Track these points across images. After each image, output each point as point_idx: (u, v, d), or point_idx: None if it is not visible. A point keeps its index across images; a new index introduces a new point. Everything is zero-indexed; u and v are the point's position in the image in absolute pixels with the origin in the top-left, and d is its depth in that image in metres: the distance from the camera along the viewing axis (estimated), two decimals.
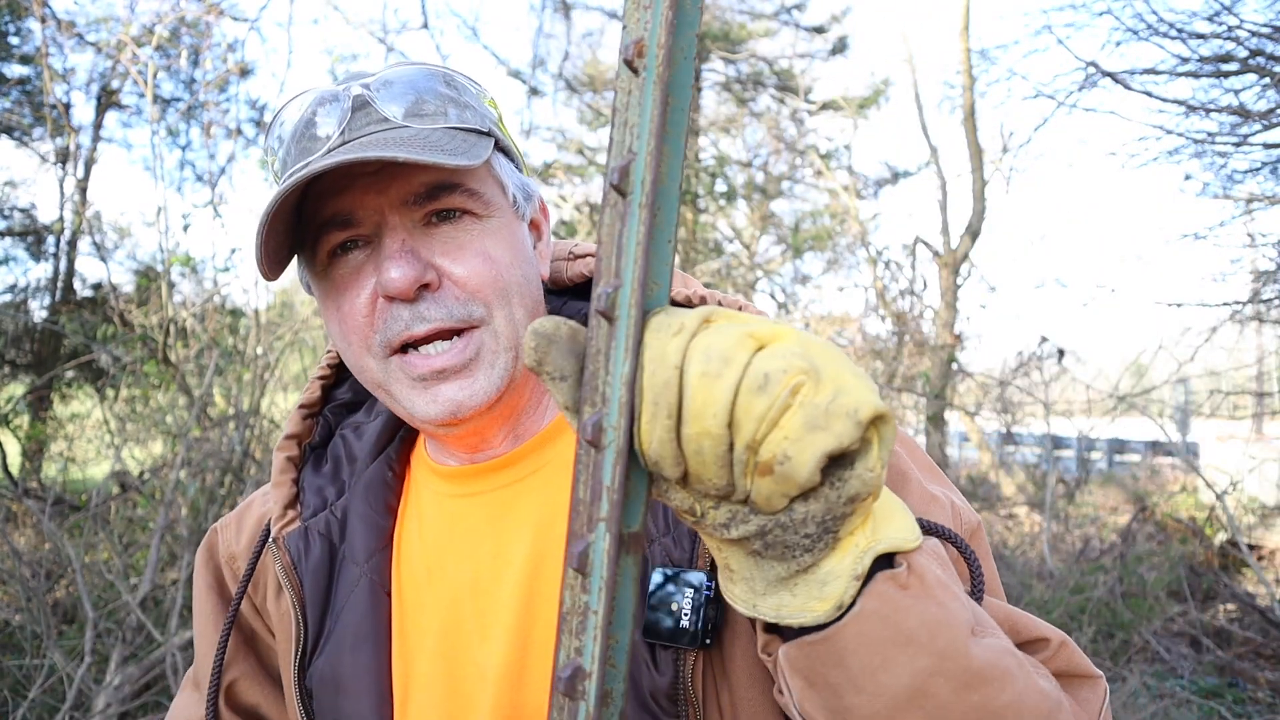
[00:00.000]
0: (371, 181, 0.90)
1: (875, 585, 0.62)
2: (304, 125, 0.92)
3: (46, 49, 5.96)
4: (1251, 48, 4.68)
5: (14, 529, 5.69)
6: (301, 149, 0.91)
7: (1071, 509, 7.81)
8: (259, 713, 1.10)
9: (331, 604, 1.01)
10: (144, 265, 10.12)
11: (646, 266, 0.56)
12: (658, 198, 0.56)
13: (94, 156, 9.62)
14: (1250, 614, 6.12)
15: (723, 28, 12.56)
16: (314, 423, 1.13)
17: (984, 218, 10.08)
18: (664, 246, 0.57)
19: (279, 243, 0.92)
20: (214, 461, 4.91)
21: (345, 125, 0.90)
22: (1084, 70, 5.64)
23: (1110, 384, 8.44)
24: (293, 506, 1.05)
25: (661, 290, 0.58)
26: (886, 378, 7.91)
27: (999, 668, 0.64)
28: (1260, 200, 5.58)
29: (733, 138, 13.80)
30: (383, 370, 0.93)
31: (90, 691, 3.75)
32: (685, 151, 0.57)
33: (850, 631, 0.62)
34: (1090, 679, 0.79)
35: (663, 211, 0.56)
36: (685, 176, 11.49)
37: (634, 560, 0.58)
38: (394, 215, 0.90)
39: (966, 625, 0.65)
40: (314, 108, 0.92)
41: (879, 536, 0.62)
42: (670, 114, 0.56)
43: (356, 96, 0.91)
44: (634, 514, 0.58)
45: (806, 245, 12.68)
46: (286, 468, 1.08)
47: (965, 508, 0.93)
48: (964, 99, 10.19)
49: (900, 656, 0.62)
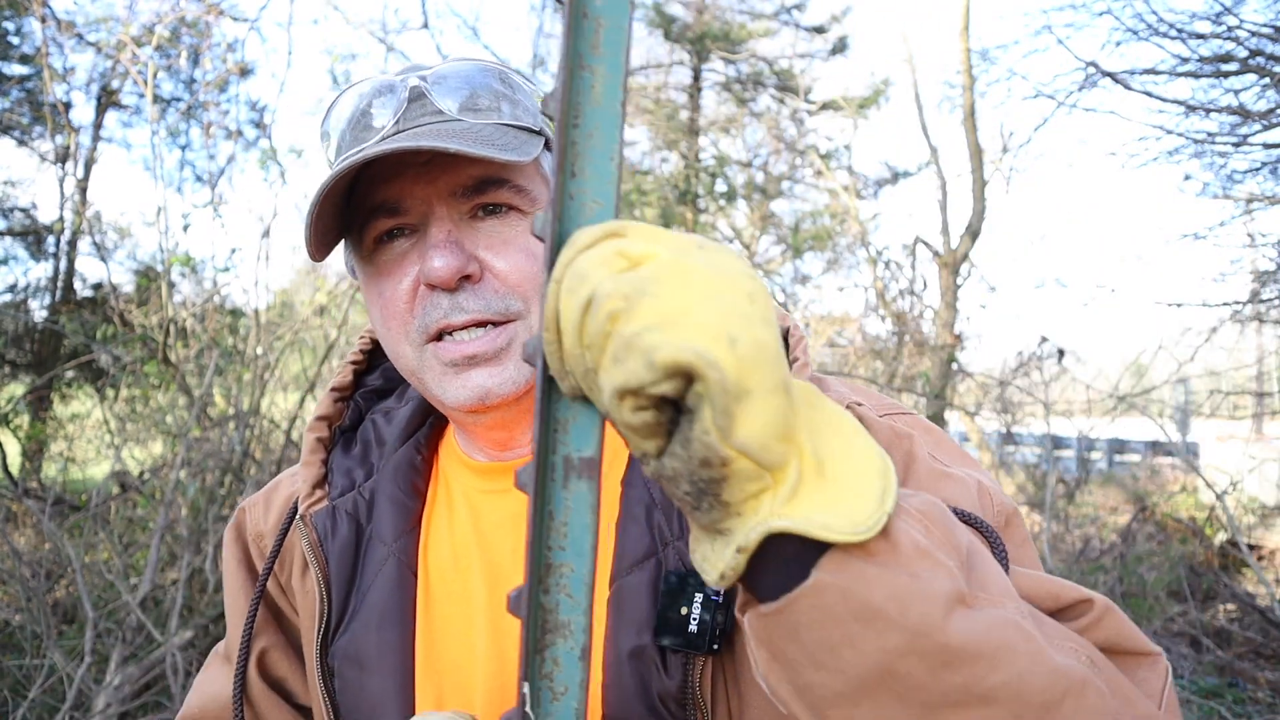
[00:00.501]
0: (421, 171, 0.91)
1: (834, 554, 0.56)
2: (360, 114, 0.94)
3: (46, 49, 5.95)
4: (1251, 48, 4.68)
5: (14, 529, 5.69)
6: (356, 136, 0.93)
7: (1071, 509, 7.81)
8: (286, 686, 1.11)
9: (357, 582, 1.01)
10: (144, 265, 10.13)
11: (561, 187, 0.57)
12: (579, 118, 0.56)
13: (94, 156, 9.62)
14: (1250, 614, 6.12)
15: (723, 28, 12.56)
16: (345, 406, 1.14)
17: (984, 218, 10.08)
18: (605, 164, 0.57)
19: (327, 225, 0.94)
20: (214, 461, 4.91)
21: (401, 115, 0.92)
22: (1084, 70, 5.64)
23: (1110, 384, 8.44)
24: (321, 486, 1.06)
25: (604, 208, 0.57)
26: (887, 378, 7.91)
27: (991, 643, 0.56)
28: (1260, 200, 5.58)
29: (733, 138, 13.82)
30: (418, 357, 0.94)
31: (90, 691, 3.75)
32: (626, 68, 0.57)
33: (805, 604, 0.56)
34: (1147, 655, 0.71)
35: (600, 132, 0.56)
36: (685, 176, 11.40)
37: (587, 486, 0.57)
38: (441, 206, 0.92)
39: (947, 597, 0.56)
40: (370, 97, 0.94)
41: (786, 513, 0.54)
42: (604, 35, 0.56)
43: (413, 88, 0.93)
44: (583, 439, 0.58)
45: (806, 245, 12.68)
46: (316, 448, 1.09)
47: (997, 490, 0.87)
48: (964, 99, 10.19)
49: (865, 633, 0.55)
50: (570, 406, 0.58)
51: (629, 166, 12.77)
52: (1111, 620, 0.71)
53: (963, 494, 0.84)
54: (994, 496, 0.86)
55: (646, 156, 13.45)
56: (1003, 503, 0.86)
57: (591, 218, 0.57)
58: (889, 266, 9.42)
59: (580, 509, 0.58)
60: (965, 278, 9.97)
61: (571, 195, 0.57)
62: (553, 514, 0.58)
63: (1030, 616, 0.62)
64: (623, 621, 0.87)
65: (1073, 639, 0.65)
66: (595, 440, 0.58)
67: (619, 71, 0.57)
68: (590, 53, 0.56)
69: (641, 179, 12.57)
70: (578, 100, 0.56)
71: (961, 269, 9.91)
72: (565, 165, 0.57)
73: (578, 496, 0.58)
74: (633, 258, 0.54)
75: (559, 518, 0.58)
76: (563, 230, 0.58)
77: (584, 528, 0.57)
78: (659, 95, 12.97)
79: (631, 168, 12.78)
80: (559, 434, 0.58)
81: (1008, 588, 0.62)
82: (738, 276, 0.54)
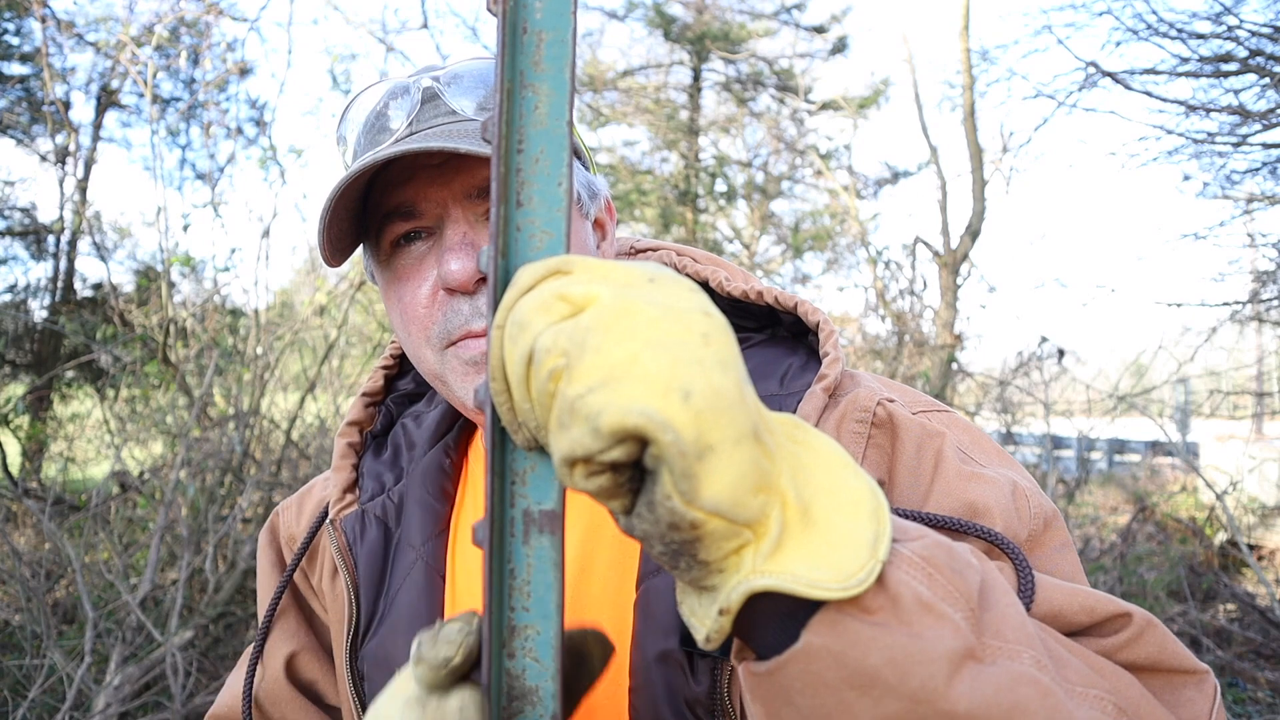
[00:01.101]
0: (436, 174, 0.90)
1: (826, 612, 0.51)
2: (375, 116, 0.93)
3: (46, 49, 5.96)
4: (1251, 48, 4.68)
5: (14, 529, 5.69)
6: (371, 139, 0.92)
7: (1071, 509, 7.80)
8: (317, 689, 1.11)
9: (386, 586, 1.01)
10: (144, 265, 10.13)
11: (505, 219, 0.52)
12: (523, 142, 0.52)
13: (94, 156, 9.62)
14: (1250, 614, 6.12)
15: (723, 28, 12.55)
16: (376, 411, 1.14)
17: (984, 218, 10.08)
18: (553, 191, 0.53)
19: (342, 230, 0.93)
20: (214, 461, 4.91)
21: (414, 116, 0.91)
22: (1084, 70, 5.64)
23: (1110, 384, 8.44)
24: (351, 490, 1.06)
25: (554, 239, 0.53)
26: (886, 378, 7.91)
27: (1002, 706, 0.50)
28: (1260, 200, 5.58)
29: (733, 138, 13.81)
30: (439, 361, 0.93)
31: (90, 691, 3.75)
32: (572, 85, 0.53)
33: (795, 669, 0.52)
34: (1193, 674, 0.65)
35: (546, 157, 0.53)
36: (685, 176, 11.37)
37: (550, 542, 0.54)
38: (456, 208, 0.90)
39: (952, 656, 0.51)
40: (386, 100, 0.93)
41: (769, 570, 0.50)
42: (546, 50, 0.53)
43: (426, 89, 0.92)
44: (543, 490, 0.54)
45: (806, 245, 12.68)
46: (347, 453, 1.09)
47: (1035, 491, 0.83)
48: (964, 99, 10.19)
49: (861, 701, 0.50)
50: (527, 457, 0.54)
51: (629, 166, 12.76)
52: (1152, 636, 0.66)
53: (994, 496, 0.80)
54: (1030, 498, 0.82)
55: (646, 156, 13.46)
56: (1040, 504, 0.82)
57: (541, 250, 0.53)
58: (889, 266, 9.41)
59: (543, 566, 0.54)
60: (965, 278, 9.97)
61: (519, 227, 0.53)
62: (514, 572, 0.54)
63: (1051, 660, 0.56)
64: (650, 625, 0.84)
65: (1098, 684, 0.59)
66: (555, 492, 0.54)
67: (564, 89, 0.53)
68: (532, 70, 0.53)
69: (642, 179, 12.56)
70: (521, 123, 0.52)
71: (961, 269, 9.91)
72: (509, 195, 0.53)
73: (540, 553, 0.54)
74: (574, 301, 0.49)
75: (520, 576, 0.54)
76: (509, 266, 0.53)
77: (548, 586, 0.54)
78: (659, 95, 12.97)
79: (631, 167, 12.78)
80: (516, 486, 0.54)
81: (1025, 630, 0.56)
82: (689, 314, 0.49)
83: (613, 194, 13.67)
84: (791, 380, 0.93)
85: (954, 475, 0.82)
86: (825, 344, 0.93)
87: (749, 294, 0.97)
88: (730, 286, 0.99)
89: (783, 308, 0.97)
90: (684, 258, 1.04)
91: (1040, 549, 0.80)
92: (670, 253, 1.06)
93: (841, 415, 0.88)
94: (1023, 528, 0.80)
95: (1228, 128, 5.13)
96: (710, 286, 1.01)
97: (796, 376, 0.93)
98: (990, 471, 0.84)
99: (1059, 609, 0.67)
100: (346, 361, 6.64)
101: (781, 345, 0.99)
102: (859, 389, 0.91)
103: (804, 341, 0.99)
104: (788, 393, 0.91)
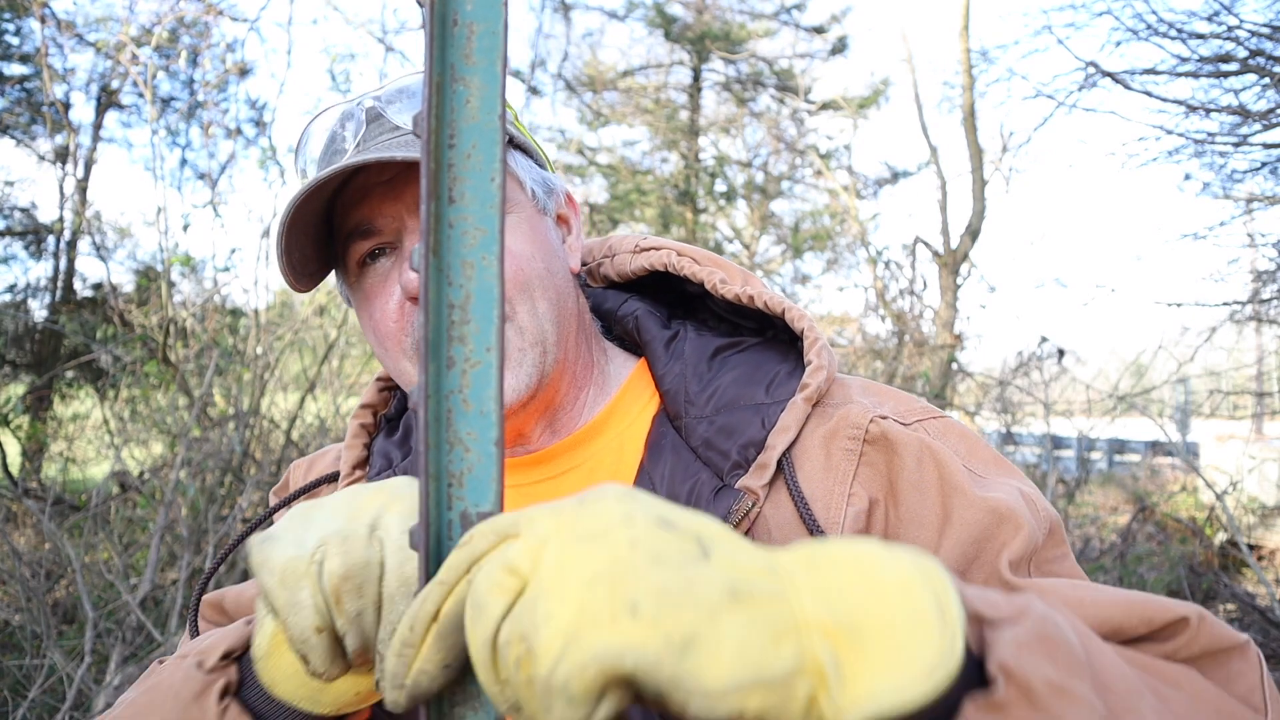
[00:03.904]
0: (388, 189, 0.92)
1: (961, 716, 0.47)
2: (330, 141, 0.96)
3: (46, 49, 5.95)
4: (1251, 48, 4.68)
5: (14, 529, 5.69)
6: (327, 163, 0.95)
7: (1071, 509, 7.80)
8: None
9: None
10: (144, 265, 10.13)
11: (437, 215, 0.51)
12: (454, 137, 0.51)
13: (94, 156, 9.62)
14: (1250, 614, 6.12)
15: (723, 28, 12.55)
16: (389, 395, 1.17)
17: (984, 218, 10.08)
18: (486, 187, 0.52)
19: (305, 255, 0.95)
20: (214, 462, 4.91)
21: (360, 137, 0.93)
22: (1084, 70, 5.64)
23: (1110, 384, 8.44)
24: (361, 467, 1.09)
25: (488, 236, 0.52)
26: (886, 378, 7.90)
27: None
28: (1260, 200, 5.58)
29: (733, 138, 13.81)
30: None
31: (90, 691, 3.75)
32: (504, 78, 0.52)
33: None
34: (1238, 648, 0.68)
35: (478, 151, 0.52)
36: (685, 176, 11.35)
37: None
38: (411, 219, 0.92)
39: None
40: (339, 124, 0.96)
41: (850, 706, 0.45)
42: (477, 42, 0.51)
43: (369, 109, 0.94)
44: (481, 492, 0.54)
45: (806, 245, 12.68)
46: (359, 433, 1.12)
47: (1040, 498, 0.85)
48: (964, 99, 10.19)
49: None
50: (464, 458, 0.54)
51: (630, 166, 12.76)
52: (1205, 629, 0.67)
53: (1014, 500, 0.83)
54: (1038, 505, 0.84)
55: (646, 156, 13.46)
56: (1047, 511, 0.84)
57: (475, 247, 0.52)
58: (889, 266, 9.41)
59: None
60: (965, 278, 9.97)
61: (450, 223, 0.52)
62: None
63: (1153, 694, 0.56)
64: None
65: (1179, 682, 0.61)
66: (495, 494, 0.54)
67: (495, 82, 0.52)
68: (463, 63, 0.51)
69: (641, 179, 12.57)
70: (451, 117, 0.52)
71: (961, 269, 9.91)
72: (440, 191, 0.52)
73: None
74: (521, 573, 0.49)
75: None
76: (440, 264, 0.52)
77: None
78: (659, 95, 12.97)
79: (631, 167, 12.78)
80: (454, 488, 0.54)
81: (1126, 674, 0.55)
82: (613, 530, 0.48)
83: (612, 194, 13.58)
84: (776, 389, 0.94)
85: (968, 484, 0.84)
86: (809, 352, 0.93)
87: (741, 298, 0.98)
88: (725, 290, 1.00)
89: (771, 313, 0.98)
90: (684, 258, 1.05)
91: (1048, 552, 0.83)
92: (671, 253, 1.06)
93: (832, 432, 0.90)
94: (1040, 531, 0.82)
95: (1228, 128, 5.13)
96: (706, 289, 1.02)
97: (782, 384, 0.94)
98: (996, 485, 0.86)
99: (1119, 624, 0.67)
100: (346, 361, 6.65)
101: (775, 349, 1.00)
102: (850, 405, 0.92)
103: (796, 346, 1.00)
104: (772, 401, 0.92)
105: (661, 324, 1.04)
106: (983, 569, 0.81)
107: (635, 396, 1.01)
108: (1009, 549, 0.80)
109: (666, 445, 0.93)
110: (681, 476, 0.90)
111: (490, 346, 0.53)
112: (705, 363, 0.97)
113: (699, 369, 0.97)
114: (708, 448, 0.91)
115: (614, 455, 0.97)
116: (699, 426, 0.92)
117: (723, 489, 0.88)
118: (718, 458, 0.90)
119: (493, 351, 0.53)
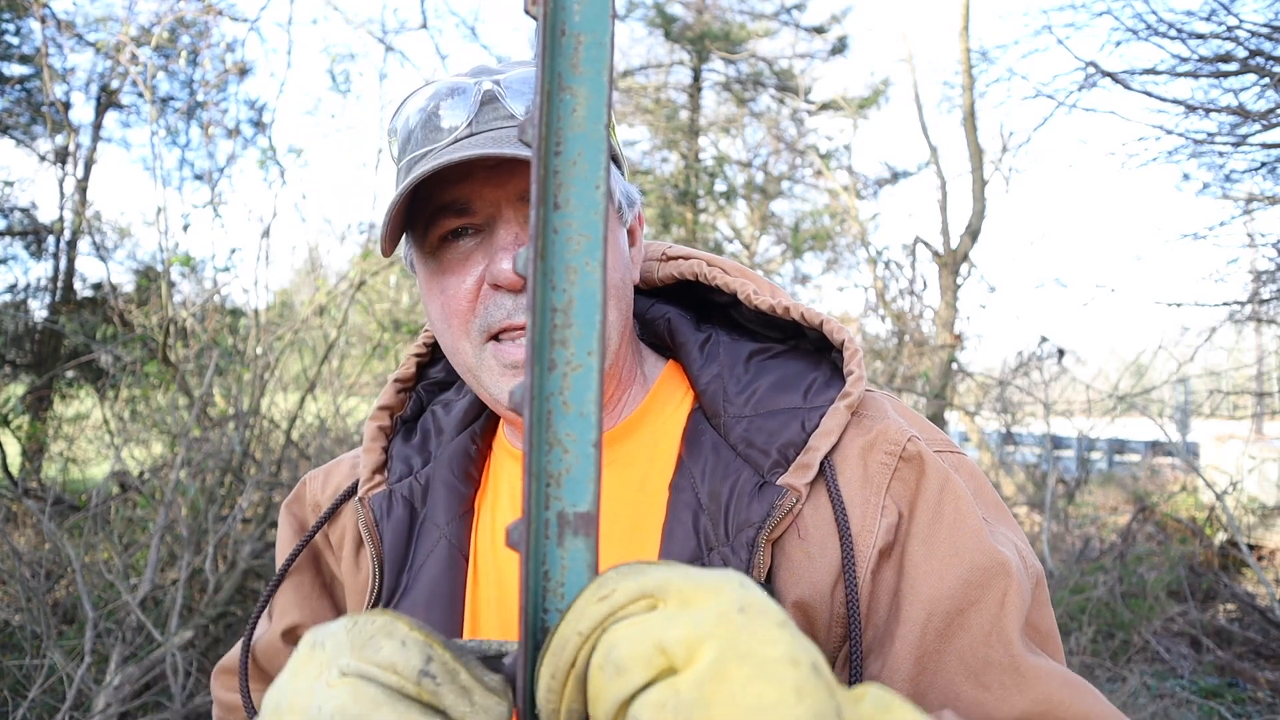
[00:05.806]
0: (491, 174, 0.93)
1: None
2: (429, 114, 0.96)
3: (46, 49, 5.95)
4: (1251, 48, 4.68)
5: (14, 529, 5.69)
6: (425, 136, 0.95)
7: (1071, 509, 7.81)
8: None
9: (409, 562, 1.04)
10: (144, 265, 10.13)
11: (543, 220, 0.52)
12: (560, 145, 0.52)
13: (94, 156, 9.62)
14: (1250, 614, 6.12)
15: (723, 28, 12.55)
16: (407, 396, 1.18)
17: (984, 218, 10.08)
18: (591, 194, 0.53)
19: (395, 222, 0.96)
20: (214, 462, 4.91)
21: (473, 118, 0.94)
22: (1084, 70, 5.64)
23: (1110, 384, 8.45)
24: (380, 471, 1.10)
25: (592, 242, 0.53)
26: (886, 378, 7.91)
27: None
28: (1259, 200, 5.58)
29: (733, 138, 13.81)
30: (476, 355, 0.96)
31: (90, 691, 3.75)
32: (609, 88, 0.53)
33: None
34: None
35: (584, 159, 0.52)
36: (685, 176, 11.35)
37: (584, 544, 0.54)
38: (509, 209, 0.93)
39: None
40: (440, 99, 0.96)
41: None
42: (585, 53, 0.52)
43: (486, 91, 0.95)
44: (578, 492, 0.54)
45: (806, 245, 12.68)
46: (377, 436, 1.13)
47: (1030, 553, 0.91)
48: (964, 99, 10.19)
49: None
50: (563, 459, 0.55)
51: (630, 166, 12.75)
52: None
53: (1013, 556, 0.87)
54: (1027, 561, 0.89)
55: (646, 156, 13.45)
56: (1034, 566, 0.89)
57: (579, 253, 0.53)
58: (889, 266, 9.42)
59: (577, 569, 0.54)
60: (965, 278, 9.98)
61: (555, 229, 0.53)
62: (548, 574, 0.55)
63: None
64: None
65: None
66: (591, 495, 0.54)
67: (602, 92, 0.53)
68: (570, 73, 0.53)
69: (642, 179, 12.56)
70: (559, 125, 0.53)
71: (961, 269, 9.91)
72: (547, 196, 0.53)
73: (574, 555, 0.54)
74: (673, 659, 0.48)
75: (555, 578, 0.55)
76: (546, 268, 0.53)
77: (581, 589, 0.54)
78: (659, 95, 12.97)
79: (632, 167, 12.78)
80: (552, 488, 0.55)
81: None
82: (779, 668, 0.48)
83: None
84: (815, 395, 0.97)
85: (980, 528, 0.88)
86: (850, 362, 0.97)
87: (775, 309, 1.01)
88: (758, 300, 1.03)
89: (808, 324, 1.01)
90: (714, 268, 1.08)
91: (1034, 605, 0.89)
92: (702, 262, 1.09)
93: (870, 444, 0.93)
94: (1028, 585, 0.88)
95: (1227, 128, 5.13)
96: (739, 299, 1.05)
97: (820, 391, 0.97)
98: (999, 532, 0.91)
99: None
100: (346, 362, 6.65)
101: (805, 358, 1.03)
102: (888, 421, 0.95)
103: (826, 356, 1.03)
104: (811, 406, 0.96)
105: (694, 327, 1.07)
106: (982, 615, 0.85)
107: (669, 395, 1.05)
108: (1008, 606, 0.84)
109: (706, 441, 0.96)
110: (722, 472, 0.93)
111: (591, 350, 0.54)
112: (741, 365, 1.01)
113: (735, 371, 1.00)
114: (747, 445, 0.94)
115: (649, 450, 1.00)
116: (737, 425, 0.95)
117: (764, 485, 0.90)
118: (758, 455, 0.93)
119: (594, 355, 0.54)
